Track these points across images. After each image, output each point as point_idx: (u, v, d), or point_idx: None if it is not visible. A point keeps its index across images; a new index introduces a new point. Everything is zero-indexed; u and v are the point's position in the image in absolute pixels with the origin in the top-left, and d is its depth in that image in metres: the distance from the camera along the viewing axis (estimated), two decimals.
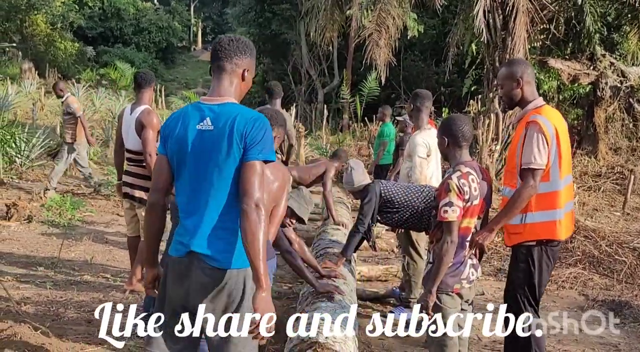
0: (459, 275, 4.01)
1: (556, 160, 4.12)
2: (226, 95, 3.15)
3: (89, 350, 4.88)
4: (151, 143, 6.04)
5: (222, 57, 3.17)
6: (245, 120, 3.01)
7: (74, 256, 7.68)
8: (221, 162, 3.01)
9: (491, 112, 13.33)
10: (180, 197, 3.16)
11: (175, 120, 3.18)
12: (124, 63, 28.99)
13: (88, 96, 21.72)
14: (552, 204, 4.16)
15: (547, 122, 4.12)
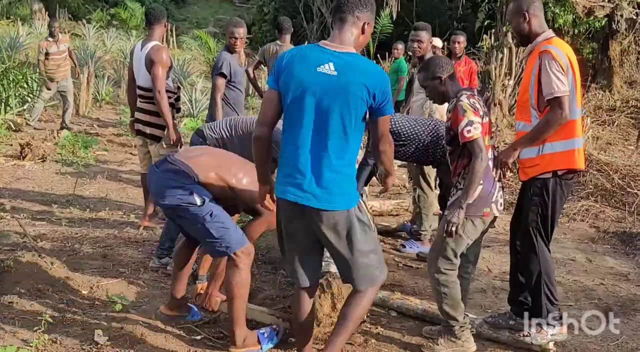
0: (489, 197, 4.00)
1: (573, 89, 4.05)
2: (349, 45, 3.27)
3: (104, 283, 4.96)
4: (160, 79, 6.05)
5: (345, 9, 3.30)
6: (373, 75, 3.21)
7: (88, 193, 7.76)
8: (344, 111, 3.18)
9: (504, 47, 13.15)
10: (291, 135, 3.30)
11: (292, 57, 3.28)
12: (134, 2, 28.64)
13: (99, 37, 21.57)
14: (571, 133, 4.10)
15: (559, 51, 4.06)
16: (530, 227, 4.22)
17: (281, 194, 3.36)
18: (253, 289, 5.06)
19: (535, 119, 4.12)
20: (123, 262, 5.53)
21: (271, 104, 3.33)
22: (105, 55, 18.44)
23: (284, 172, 3.35)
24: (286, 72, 3.24)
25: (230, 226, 3.96)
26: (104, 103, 13.91)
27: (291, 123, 3.29)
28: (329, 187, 3.24)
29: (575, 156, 4.13)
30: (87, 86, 12.85)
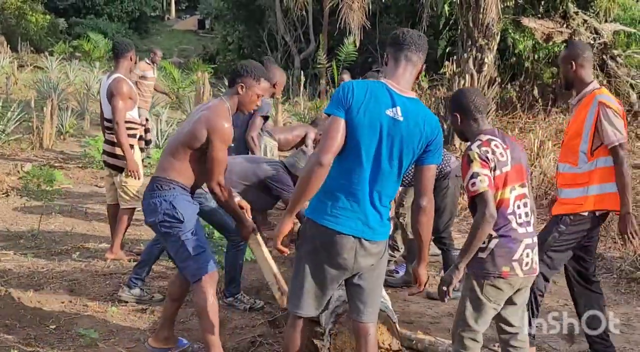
0: (509, 255, 3.56)
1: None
2: (409, 89, 3.37)
3: (72, 317, 4.94)
4: (119, 111, 6.15)
5: (414, 49, 3.39)
6: (432, 126, 3.33)
7: (54, 227, 7.71)
8: (402, 155, 3.29)
9: (466, 73, 13.39)
10: (348, 169, 3.32)
11: (364, 92, 3.28)
12: (97, 34, 28.63)
13: (62, 69, 21.46)
14: (610, 178, 4.30)
15: (613, 100, 4.33)
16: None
17: (333, 224, 3.32)
18: (222, 318, 5.07)
19: (583, 163, 4.34)
20: (90, 296, 5.50)
21: (340, 134, 3.25)
22: (68, 88, 18.34)
23: (334, 205, 3.33)
24: (359, 108, 3.24)
25: (206, 247, 4.10)
26: (67, 135, 13.82)
27: (352, 157, 3.29)
28: (380, 222, 3.39)
29: (610, 198, 4.33)
30: (50, 119, 12.76)
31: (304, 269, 3.45)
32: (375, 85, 3.31)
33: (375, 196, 3.33)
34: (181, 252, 4.08)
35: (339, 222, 3.30)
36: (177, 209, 4.08)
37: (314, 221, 3.36)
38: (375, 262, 3.43)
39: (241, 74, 4.25)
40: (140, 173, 6.41)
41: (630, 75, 16.21)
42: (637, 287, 6.28)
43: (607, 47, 15.98)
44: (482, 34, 13.82)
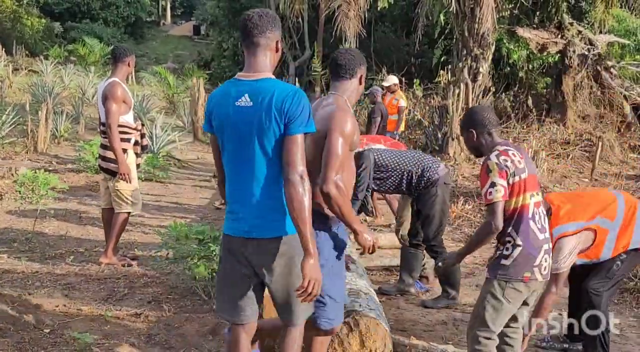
0: (530, 261, 3.74)
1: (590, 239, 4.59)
2: (262, 71, 3.26)
3: (67, 321, 4.93)
4: (112, 114, 6.19)
5: (256, 33, 3.26)
6: (283, 96, 3.13)
7: (48, 231, 7.69)
8: (262, 136, 3.15)
9: (461, 82, 13.45)
10: (229, 173, 3.32)
11: (216, 98, 3.32)
12: (92, 39, 28.64)
13: (57, 73, 21.47)
14: (624, 248, 4.59)
15: (570, 226, 4.52)
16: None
17: (225, 230, 3.36)
18: (216, 324, 5.08)
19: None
20: (85, 300, 5.49)
21: (214, 149, 3.39)
22: (63, 92, 18.34)
23: (228, 209, 3.37)
24: (213, 114, 3.29)
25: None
26: (62, 139, 13.81)
27: (226, 161, 3.32)
28: (266, 216, 3.22)
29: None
30: (45, 122, 12.75)
31: (220, 277, 3.51)
32: (227, 84, 3.33)
33: (257, 191, 3.21)
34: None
35: (229, 226, 3.33)
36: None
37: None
38: (274, 261, 3.23)
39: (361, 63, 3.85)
40: (132, 177, 6.39)
41: (624, 86, 16.32)
42: (629, 297, 6.31)
43: (601, 58, 16.09)
44: (477, 44, 13.91)
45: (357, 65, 3.75)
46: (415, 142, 14.83)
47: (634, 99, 16.26)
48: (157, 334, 4.91)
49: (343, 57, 3.73)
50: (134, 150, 6.47)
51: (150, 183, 10.57)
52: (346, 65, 3.72)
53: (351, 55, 3.74)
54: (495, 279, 3.77)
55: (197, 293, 5.76)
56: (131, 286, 5.95)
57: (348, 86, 3.72)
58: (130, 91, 6.68)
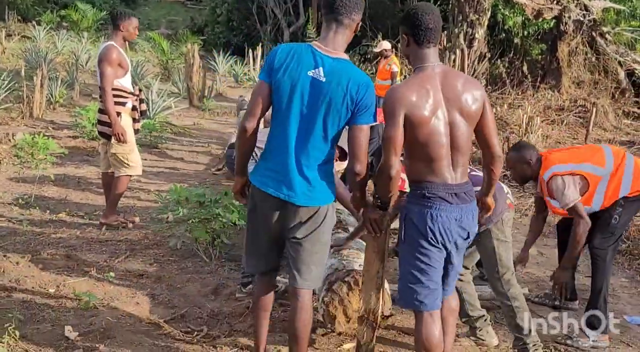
0: (502, 192, 4.30)
1: (588, 174, 4.69)
2: (339, 50, 3.36)
3: (71, 281, 5.02)
4: (106, 77, 6.25)
5: (343, 12, 3.37)
6: (358, 85, 3.28)
7: (48, 195, 7.73)
8: (328, 115, 3.29)
9: (457, 48, 13.45)
10: (278, 131, 3.42)
11: (286, 54, 3.37)
12: (85, 4, 28.28)
13: (50, 39, 21.29)
14: (617, 189, 4.73)
15: (559, 168, 4.68)
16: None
17: (262, 185, 3.46)
18: (218, 285, 5.18)
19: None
20: (87, 262, 5.57)
21: (262, 97, 3.40)
22: (57, 58, 18.22)
23: (266, 166, 3.47)
24: (281, 71, 3.33)
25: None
26: (57, 105, 13.76)
27: (278, 120, 3.40)
28: (308, 186, 3.38)
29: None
30: (40, 88, 12.70)
31: (248, 229, 3.67)
32: (300, 47, 3.39)
33: (303, 159, 3.37)
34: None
35: (266, 183, 3.44)
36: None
37: (252, 181, 3.54)
38: (306, 228, 3.44)
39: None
40: (127, 138, 6.36)
41: (619, 52, 16.32)
42: (622, 259, 6.43)
43: (596, 24, 16.07)
44: (473, 9, 13.89)
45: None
46: None
47: (628, 65, 16.27)
48: (160, 294, 5.02)
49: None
50: (132, 115, 6.49)
51: (148, 149, 10.58)
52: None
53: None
54: (491, 223, 4.11)
55: (198, 255, 5.85)
56: (133, 248, 6.03)
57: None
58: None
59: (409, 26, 3.40)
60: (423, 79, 3.32)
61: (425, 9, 3.38)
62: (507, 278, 4.17)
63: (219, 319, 4.64)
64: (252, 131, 3.42)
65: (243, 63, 22.24)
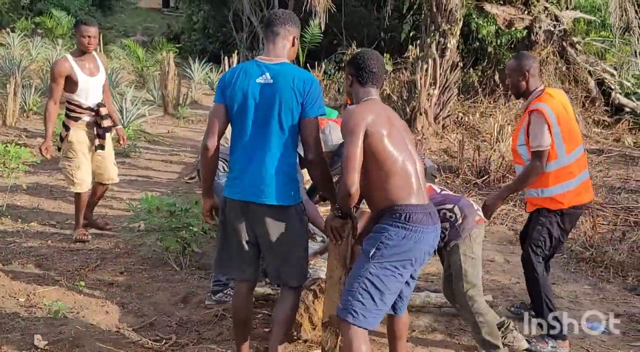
0: (472, 208, 4.29)
1: (560, 141, 4.61)
2: (280, 56, 3.66)
3: (41, 290, 5.06)
4: (50, 93, 6.27)
5: (277, 23, 3.70)
6: (303, 81, 3.56)
7: (20, 204, 7.75)
8: (281, 113, 3.54)
9: (429, 58, 13.58)
10: (239, 141, 3.65)
11: (233, 73, 3.67)
12: (60, 11, 28.18)
13: (24, 46, 21.21)
14: (566, 177, 4.66)
15: (547, 109, 4.59)
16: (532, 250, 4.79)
17: (231, 195, 3.67)
18: (188, 293, 5.25)
19: (528, 162, 4.68)
20: (58, 271, 5.62)
21: (218, 117, 3.66)
22: (31, 65, 18.15)
23: (233, 175, 3.68)
24: (231, 87, 3.61)
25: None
26: (31, 113, 13.74)
27: (239, 131, 3.64)
28: (275, 185, 3.57)
29: (573, 195, 4.70)
30: (14, 96, 12.67)
31: (220, 237, 3.85)
32: (246, 64, 3.70)
33: (269, 161, 3.57)
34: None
35: (231, 191, 3.67)
36: None
37: (225, 195, 3.75)
38: (273, 227, 3.61)
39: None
40: (74, 156, 6.30)
41: (589, 62, 16.57)
42: (585, 266, 6.56)
43: (567, 34, 16.30)
44: (445, 19, 14.02)
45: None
46: None
47: (598, 74, 16.53)
48: (129, 302, 5.07)
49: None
50: (90, 133, 6.37)
51: (121, 157, 10.60)
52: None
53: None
54: (460, 239, 4.15)
55: (168, 264, 5.92)
56: (103, 257, 6.08)
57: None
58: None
59: (354, 68, 3.73)
60: (374, 103, 3.62)
61: (370, 55, 3.73)
62: (471, 294, 4.21)
63: (187, 327, 4.71)
64: (214, 149, 3.64)
65: (219, 70, 22.27)
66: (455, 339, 4.81)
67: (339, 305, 3.52)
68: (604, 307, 5.57)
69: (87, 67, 6.27)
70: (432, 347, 4.66)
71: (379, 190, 3.49)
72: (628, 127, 15.91)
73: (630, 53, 16.68)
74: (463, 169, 10.12)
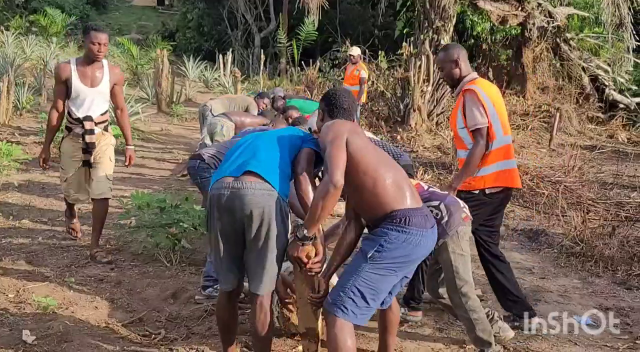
0: (459, 205, 4.27)
1: (497, 120, 4.63)
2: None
3: (31, 286, 5.07)
4: (54, 94, 5.98)
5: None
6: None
7: (12, 201, 7.75)
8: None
9: (422, 54, 13.61)
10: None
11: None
12: (54, 9, 28.16)
13: (18, 44, 21.18)
14: (501, 157, 4.68)
15: (480, 89, 4.65)
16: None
17: (212, 190, 3.71)
18: (178, 289, 5.25)
19: (471, 146, 4.65)
20: (48, 267, 5.62)
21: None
22: (25, 63, 18.12)
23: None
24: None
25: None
26: (24, 111, 13.72)
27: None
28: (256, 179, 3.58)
29: (505, 176, 4.71)
30: (7, 94, 12.66)
31: (211, 244, 3.78)
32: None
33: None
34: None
35: (217, 186, 3.64)
36: None
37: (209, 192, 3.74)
38: (255, 228, 3.51)
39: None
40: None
41: (583, 58, 16.62)
42: (575, 261, 6.58)
43: (560, 30, 16.35)
44: (438, 16, 14.04)
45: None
46: (378, 113, 14.99)
47: (592, 70, 16.59)
48: (119, 298, 5.08)
49: None
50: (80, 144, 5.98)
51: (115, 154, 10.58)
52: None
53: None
54: (447, 236, 4.11)
55: (159, 260, 5.92)
56: None
57: None
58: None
59: (325, 103, 3.87)
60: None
61: (342, 92, 3.88)
62: (465, 291, 4.21)
63: (177, 322, 4.72)
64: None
65: (213, 68, 22.28)
66: (444, 333, 4.82)
67: (328, 299, 3.53)
68: (593, 301, 5.59)
69: (88, 76, 5.84)
70: (421, 342, 4.66)
71: (373, 199, 3.49)
72: (622, 124, 15.97)
73: (624, 49, 16.72)
74: (456, 166, 10.12)
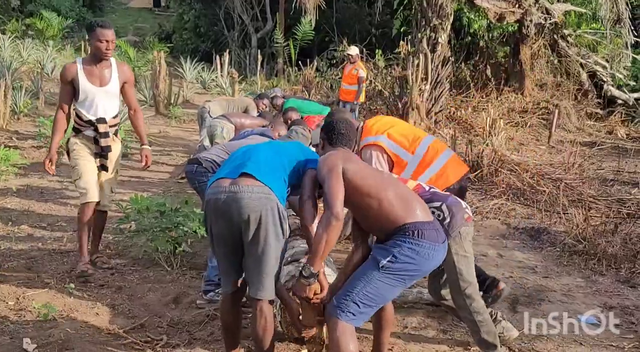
0: (460, 205, 4.27)
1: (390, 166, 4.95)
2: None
3: (31, 293, 5.03)
4: (59, 96, 5.72)
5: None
6: None
7: (10, 207, 7.71)
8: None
9: (420, 53, 13.57)
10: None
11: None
12: (50, 12, 28.09)
13: (15, 48, 21.12)
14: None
15: (368, 138, 5.01)
16: None
17: (210, 195, 3.76)
18: (179, 293, 5.22)
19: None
20: (48, 273, 5.58)
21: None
22: (22, 67, 18.07)
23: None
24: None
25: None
26: (22, 115, 13.69)
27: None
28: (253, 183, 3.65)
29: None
30: (4, 98, 12.62)
31: (211, 247, 3.86)
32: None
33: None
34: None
35: (214, 191, 3.69)
36: None
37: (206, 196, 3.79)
38: (251, 231, 3.54)
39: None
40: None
41: (581, 54, 16.59)
42: (578, 259, 6.55)
43: (558, 27, 16.32)
44: (435, 14, 14.02)
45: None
46: (376, 112, 14.96)
47: (590, 66, 16.56)
48: (120, 304, 5.04)
49: None
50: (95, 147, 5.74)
51: None
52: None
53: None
54: (449, 237, 4.03)
55: (159, 264, 5.89)
56: None
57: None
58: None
59: (324, 131, 4.02)
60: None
61: (341, 120, 4.04)
62: (469, 292, 4.18)
63: (179, 327, 4.68)
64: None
65: (211, 69, 22.23)
66: (447, 335, 4.78)
67: (332, 302, 3.54)
68: (597, 300, 5.56)
69: (96, 75, 5.62)
70: (425, 344, 4.63)
71: (382, 217, 3.53)
72: (620, 119, 15.96)
73: (622, 45, 16.71)
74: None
